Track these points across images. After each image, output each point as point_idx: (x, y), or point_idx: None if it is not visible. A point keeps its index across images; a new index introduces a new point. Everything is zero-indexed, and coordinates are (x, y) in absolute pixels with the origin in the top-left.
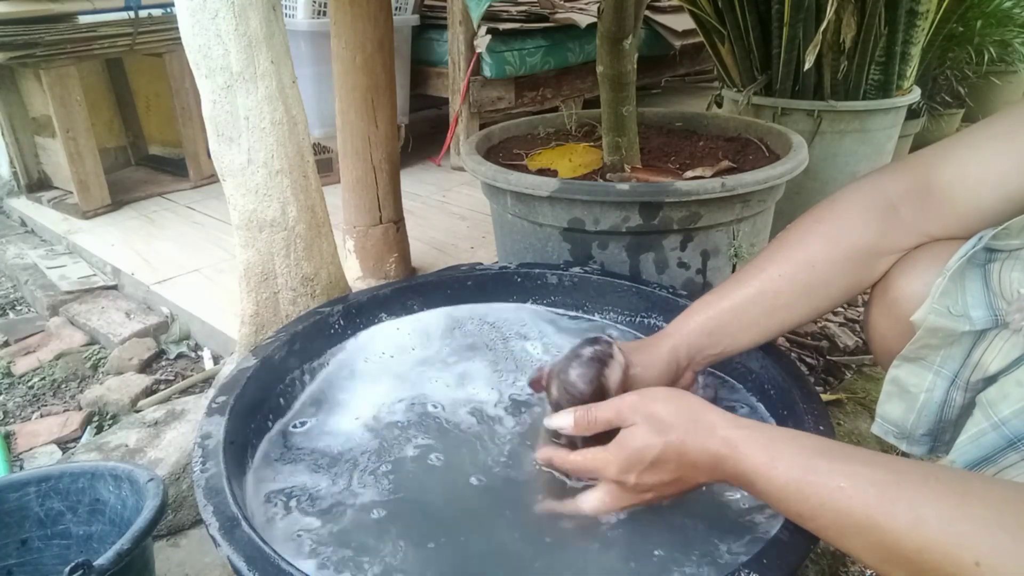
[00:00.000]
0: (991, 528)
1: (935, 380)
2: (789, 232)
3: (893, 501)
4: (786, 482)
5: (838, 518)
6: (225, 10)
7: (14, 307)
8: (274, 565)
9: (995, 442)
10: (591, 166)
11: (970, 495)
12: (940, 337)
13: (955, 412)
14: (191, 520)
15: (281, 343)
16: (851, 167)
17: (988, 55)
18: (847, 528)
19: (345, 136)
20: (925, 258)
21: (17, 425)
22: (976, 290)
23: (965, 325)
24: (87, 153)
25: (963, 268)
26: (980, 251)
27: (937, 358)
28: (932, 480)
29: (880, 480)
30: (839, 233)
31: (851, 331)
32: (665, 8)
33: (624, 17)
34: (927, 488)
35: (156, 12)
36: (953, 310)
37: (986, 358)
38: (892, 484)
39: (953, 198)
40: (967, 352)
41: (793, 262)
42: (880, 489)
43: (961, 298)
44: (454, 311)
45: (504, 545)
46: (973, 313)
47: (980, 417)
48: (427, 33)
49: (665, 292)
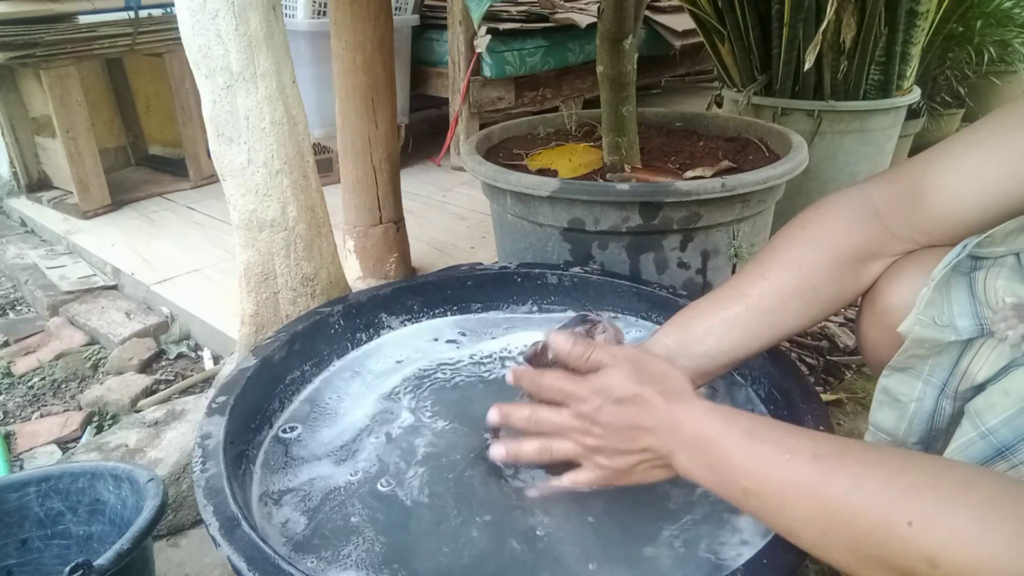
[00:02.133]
0: (925, 490)
1: (924, 389)
2: (775, 240)
3: (834, 469)
4: (736, 450)
5: (781, 487)
6: (225, 10)
7: (14, 307)
8: (274, 565)
9: (984, 451)
10: (591, 166)
11: (907, 464)
12: (927, 347)
13: (945, 421)
14: (191, 520)
15: (281, 343)
16: (851, 167)
17: (988, 55)
18: (788, 499)
19: (345, 136)
20: (912, 267)
21: (17, 425)
22: (962, 299)
23: (951, 335)
24: (87, 153)
25: (948, 277)
26: (965, 259)
27: (926, 367)
28: (873, 452)
29: (824, 452)
30: (825, 237)
31: (851, 331)
32: (665, 8)
33: (624, 17)
34: (867, 457)
35: (156, 12)
36: (939, 320)
37: (973, 367)
38: (834, 455)
39: (936, 205)
40: (955, 361)
41: (780, 267)
42: (823, 461)
43: (947, 308)
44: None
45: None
46: (959, 323)
47: (968, 427)
48: (427, 33)
49: (665, 292)
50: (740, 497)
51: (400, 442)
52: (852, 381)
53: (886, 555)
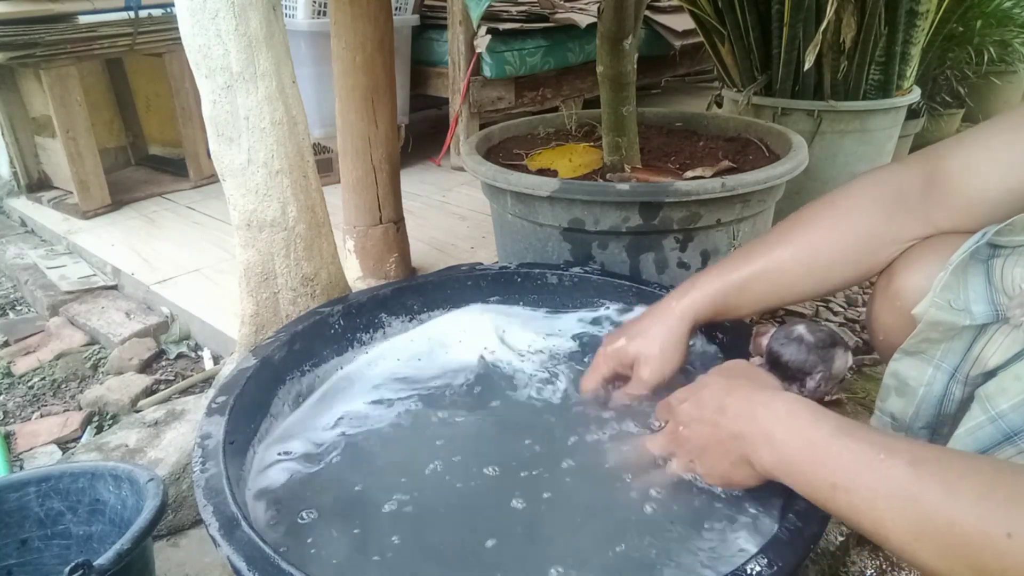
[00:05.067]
0: (1022, 502)
1: (935, 374)
2: (801, 213)
3: (931, 475)
4: (827, 444)
5: (874, 487)
6: (225, 10)
7: (14, 307)
8: (274, 565)
9: (992, 436)
10: (591, 166)
11: (1003, 473)
12: (941, 331)
13: (954, 406)
14: (191, 520)
15: (281, 343)
16: (851, 167)
17: (988, 55)
18: (881, 500)
19: (345, 136)
20: (928, 252)
21: (17, 425)
22: (978, 285)
23: (966, 319)
24: (87, 153)
25: (966, 263)
26: (983, 246)
27: (937, 352)
28: (967, 460)
29: (920, 457)
30: (846, 218)
31: (851, 331)
32: (665, 8)
33: (624, 17)
34: (962, 465)
35: (156, 12)
36: (954, 304)
37: (986, 353)
38: (931, 460)
39: (960, 189)
40: (967, 346)
41: (800, 243)
42: (920, 466)
43: (963, 292)
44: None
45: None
46: (974, 308)
47: (978, 411)
48: (427, 33)
49: (665, 292)
50: (828, 492)
51: (403, 440)
52: (852, 381)
53: (980, 565)
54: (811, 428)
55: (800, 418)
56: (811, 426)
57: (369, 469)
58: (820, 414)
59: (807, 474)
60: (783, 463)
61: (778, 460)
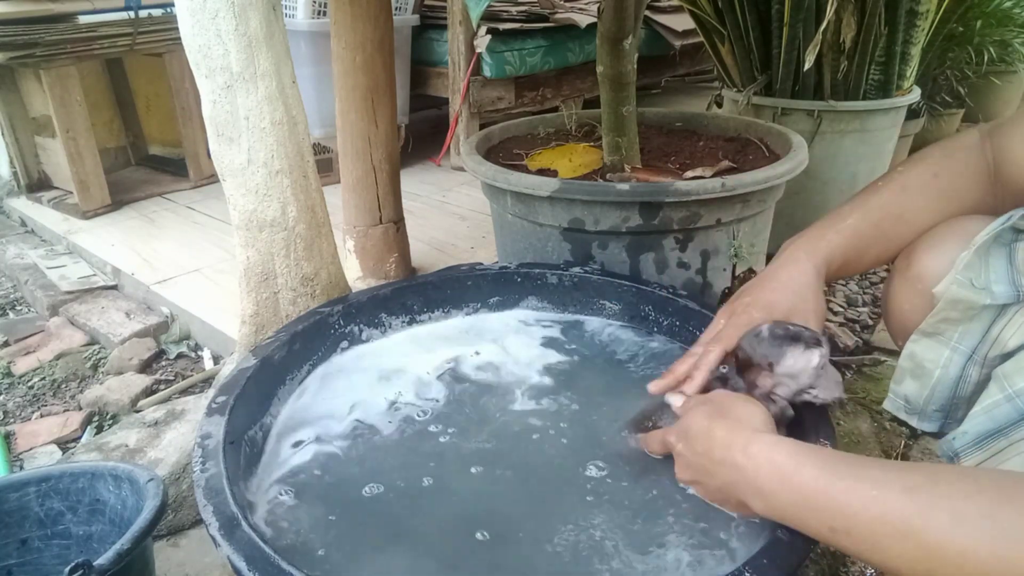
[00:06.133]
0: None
1: (951, 356)
2: (907, 177)
3: (931, 502)
4: (814, 489)
5: (872, 526)
6: (225, 10)
7: (14, 307)
8: (274, 565)
9: (1008, 414)
10: (591, 166)
11: (1007, 487)
12: (961, 310)
13: (970, 388)
14: (191, 520)
15: (281, 343)
16: (851, 167)
17: (988, 55)
18: (884, 537)
19: (345, 136)
20: (950, 235)
21: (17, 425)
22: (1000, 266)
23: (986, 299)
24: (87, 153)
25: (989, 244)
26: (1007, 230)
27: (955, 333)
28: (966, 478)
29: (914, 483)
30: (955, 193)
31: (851, 331)
32: (665, 8)
33: (624, 17)
34: (963, 485)
35: (156, 12)
36: (976, 283)
37: (1005, 334)
38: (927, 486)
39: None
40: (986, 327)
41: (910, 210)
42: (916, 493)
43: (984, 272)
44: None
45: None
46: (995, 288)
47: (995, 389)
48: (427, 33)
49: (665, 292)
50: (827, 535)
51: (403, 439)
52: (852, 381)
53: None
54: (795, 475)
55: (782, 466)
56: (795, 473)
57: (373, 469)
58: (800, 455)
59: (803, 520)
60: (776, 512)
61: (771, 510)
